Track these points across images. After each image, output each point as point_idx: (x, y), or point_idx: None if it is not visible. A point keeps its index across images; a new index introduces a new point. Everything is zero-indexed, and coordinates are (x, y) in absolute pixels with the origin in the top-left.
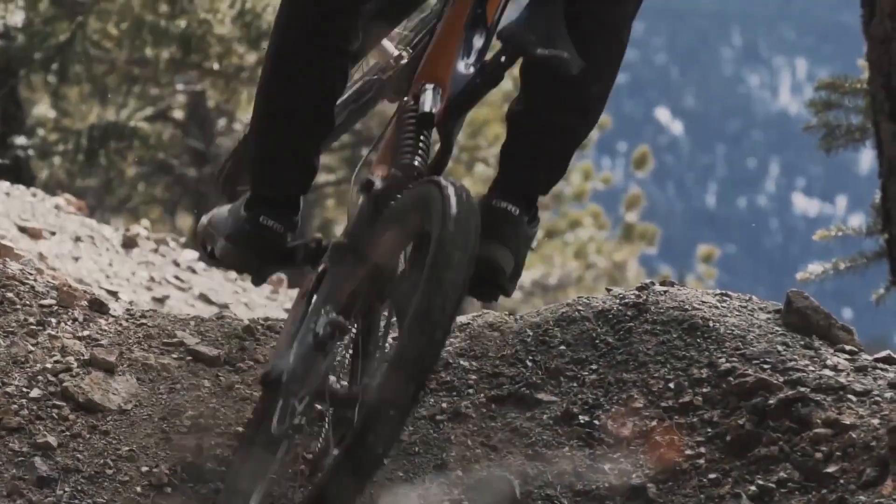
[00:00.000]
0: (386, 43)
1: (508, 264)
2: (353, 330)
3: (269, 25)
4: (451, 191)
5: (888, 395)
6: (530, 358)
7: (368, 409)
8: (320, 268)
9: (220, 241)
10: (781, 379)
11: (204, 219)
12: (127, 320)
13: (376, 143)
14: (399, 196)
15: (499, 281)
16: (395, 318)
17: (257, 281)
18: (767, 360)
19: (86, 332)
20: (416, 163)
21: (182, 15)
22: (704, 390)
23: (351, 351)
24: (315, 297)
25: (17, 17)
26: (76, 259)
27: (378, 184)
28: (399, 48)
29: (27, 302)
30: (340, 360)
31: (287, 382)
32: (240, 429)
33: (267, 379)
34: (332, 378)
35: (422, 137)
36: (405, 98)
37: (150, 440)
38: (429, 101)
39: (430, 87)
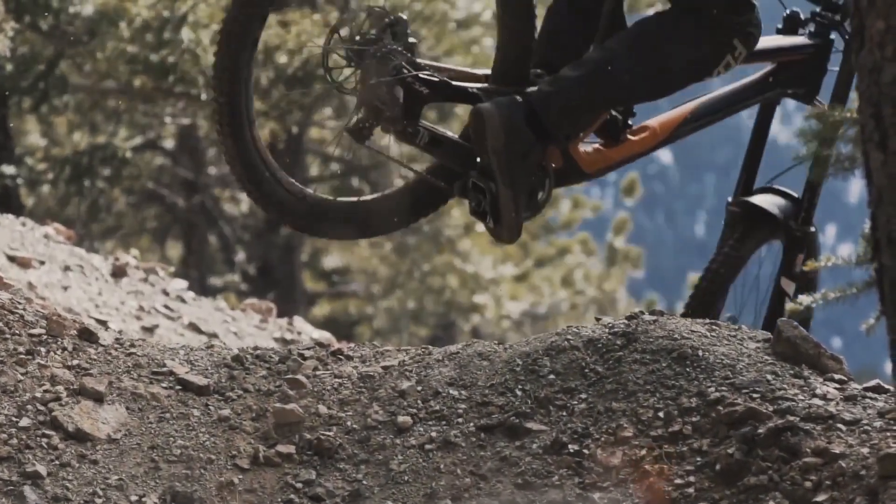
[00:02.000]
0: None
1: (492, 121)
2: None
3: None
4: None
5: (877, 424)
6: (519, 387)
7: None
8: None
9: None
10: (771, 408)
11: None
12: (116, 349)
13: None
14: None
15: (478, 138)
16: None
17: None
18: (757, 389)
19: (75, 362)
20: None
21: (166, 46)
22: (694, 419)
23: None
24: None
25: (4, 46)
26: (65, 288)
27: None
28: None
29: (16, 331)
30: None
31: None
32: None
33: None
34: None
35: None
36: None
37: (139, 469)
38: None
39: None
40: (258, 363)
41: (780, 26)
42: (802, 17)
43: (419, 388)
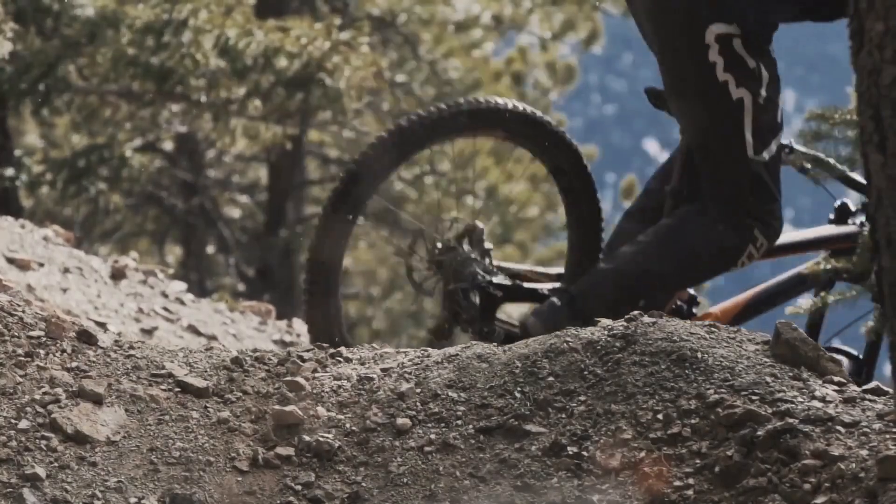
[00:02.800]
0: None
1: (537, 332)
2: None
3: (254, 61)
4: None
5: (877, 426)
6: (519, 389)
7: None
8: None
9: None
10: (770, 410)
11: None
12: (115, 351)
13: None
14: None
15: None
16: None
17: None
18: (756, 391)
19: (74, 364)
20: None
21: (165, 49)
22: (693, 421)
23: None
24: None
25: (4, 49)
26: (65, 290)
27: None
28: None
29: (15, 333)
30: None
31: None
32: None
33: None
34: None
35: None
36: None
37: (138, 471)
38: None
39: None
40: (257, 365)
41: (831, 216)
42: (852, 207)
43: (418, 391)
